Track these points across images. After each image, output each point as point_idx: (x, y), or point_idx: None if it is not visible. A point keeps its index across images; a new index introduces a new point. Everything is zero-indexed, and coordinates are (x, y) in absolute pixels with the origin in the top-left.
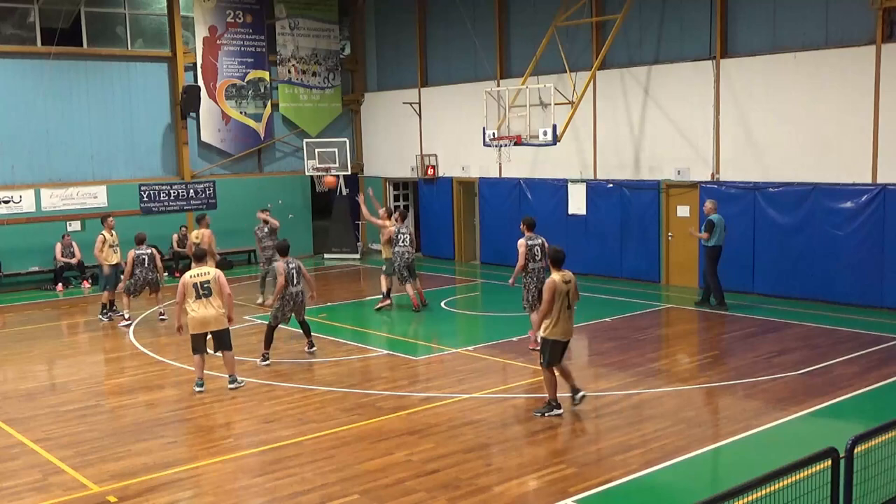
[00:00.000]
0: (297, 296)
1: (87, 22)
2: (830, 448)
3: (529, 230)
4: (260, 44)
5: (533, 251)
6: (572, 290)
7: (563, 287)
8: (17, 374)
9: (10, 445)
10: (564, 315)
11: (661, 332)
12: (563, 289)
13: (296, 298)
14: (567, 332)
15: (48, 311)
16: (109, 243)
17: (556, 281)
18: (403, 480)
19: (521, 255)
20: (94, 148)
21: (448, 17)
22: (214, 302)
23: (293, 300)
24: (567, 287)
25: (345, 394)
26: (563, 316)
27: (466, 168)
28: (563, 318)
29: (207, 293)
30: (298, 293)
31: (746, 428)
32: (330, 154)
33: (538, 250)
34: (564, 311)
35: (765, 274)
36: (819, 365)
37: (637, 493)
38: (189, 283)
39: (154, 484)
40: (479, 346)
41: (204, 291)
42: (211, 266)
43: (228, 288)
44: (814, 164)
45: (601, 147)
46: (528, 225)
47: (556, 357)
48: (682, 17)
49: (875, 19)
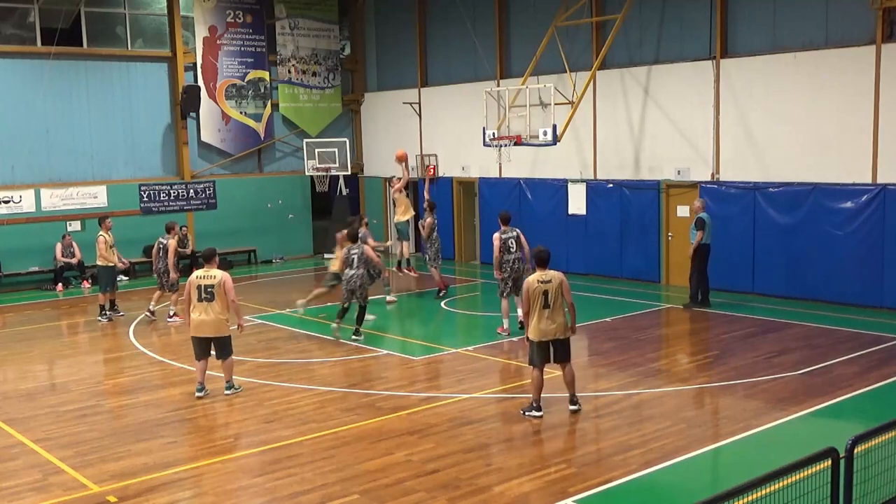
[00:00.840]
0: (352, 279)
1: (87, 22)
2: (830, 448)
3: (505, 224)
4: (260, 44)
5: (507, 244)
6: (552, 290)
7: (537, 286)
8: (17, 374)
9: (10, 445)
10: (541, 315)
11: (661, 332)
12: (538, 288)
13: (349, 281)
14: (544, 333)
15: (48, 311)
16: (110, 244)
17: (529, 281)
18: (403, 480)
19: (496, 247)
20: (94, 148)
21: (448, 17)
22: (215, 307)
23: (348, 282)
24: (544, 287)
25: (345, 394)
26: (540, 316)
27: (466, 168)
28: (539, 318)
29: (210, 297)
30: (352, 277)
31: (746, 428)
32: (330, 154)
33: (512, 243)
34: (540, 311)
35: (765, 274)
36: (819, 365)
37: (637, 493)
38: (194, 283)
39: (154, 484)
40: (479, 346)
41: (206, 295)
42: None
43: (233, 293)
44: (814, 164)
45: (601, 147)
46: (503, 219)
47: (536, 357)
48: (682, 17)
49: (875, 19)
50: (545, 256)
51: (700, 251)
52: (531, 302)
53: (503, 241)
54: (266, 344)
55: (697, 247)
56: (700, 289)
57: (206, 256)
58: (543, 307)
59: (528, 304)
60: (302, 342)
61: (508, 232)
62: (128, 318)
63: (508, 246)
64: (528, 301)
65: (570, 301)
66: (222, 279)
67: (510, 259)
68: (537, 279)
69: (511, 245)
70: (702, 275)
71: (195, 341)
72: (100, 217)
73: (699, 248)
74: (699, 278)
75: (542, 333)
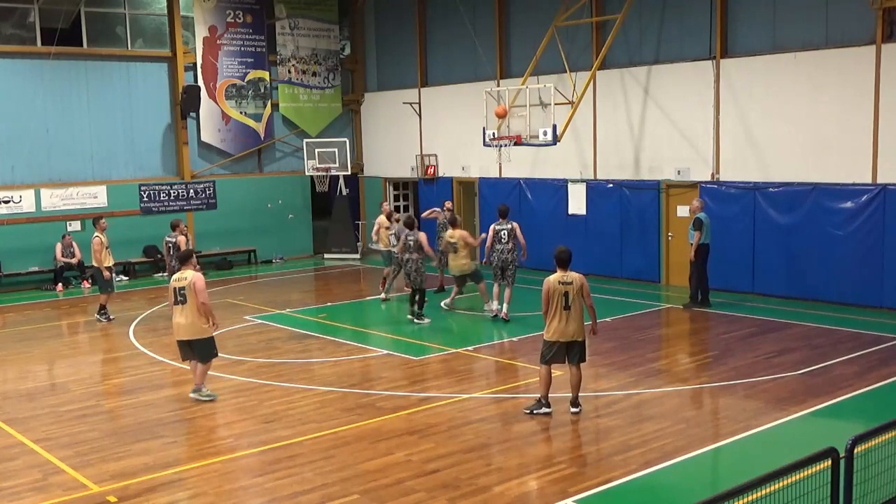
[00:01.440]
0: (408, 263)
1: (87, 22)
2: (830, 448)
3: (502, 217)
4: (260, 44)
5: (499, 235)
6: (573, 291)
7: (558, 287)
8: (17, 374)
9: (10, 445)
10: (560, 316)
11: (661, 332)
12: (559, 289)
13: (406, 265)
14: (563, 334)
15: (48, 311)
16: (105, 245)
17: (549, 280)
18: (403, 480)
19: (489, 237)
20: (94, 148)
21: (448, 17)
22: (188, 309)
23: (405, 266)
24: (564, 288)
25: (345, 394)
26: (559, 316)
27: (466, 168)
28: (559, 319)
29: (183, 300)
30: (409, 260)
31: (746, 428)
32: (330, 154)
33: (504, 234)
34: (561, 312)
35: (765, 274)
36: (819, 365)
37: (637, 493)
38: (171, 287)
39: (154, 484)
40: (479, 346)
41: (180, 298)
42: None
43: (205, 295)
44: (814, 164)
45: (601, 147)
46: (501, 213)
47: (551, 355)
48: (682, 17)
49: (875, 19)
50: (566, 257)
51: (699, 251)
52: (551, 302)
53: (496, 232)
54: (266, 344)
55: (697, 247)
56: (700, 289)
57: (181, 259)
58: (564, 308)
59: (548, 304)
60: (302, 342)
61: (502, 224)
62: (128, 318)
63: (500, 237)
64: (547, 301)
65: (590, 304)
66: (191, 280)
67: (499, 249)
68: (558, 280)
69: (503, 237)
70: (701, 275)
71: (177, 344)
72: (94, 217)
73: (701, 247)
74: (699, 278)
75: (560, 334)
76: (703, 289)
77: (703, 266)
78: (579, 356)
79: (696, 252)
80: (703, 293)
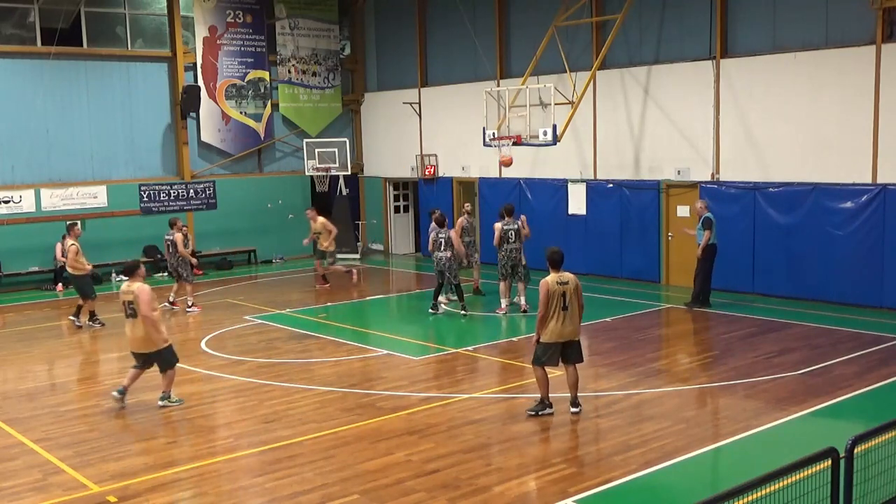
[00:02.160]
0: (441, 261)
1: (87, 22)
2: (830, 448)
3: (508, 216)
4: (260, 44)
5: (507, 234)
6: (570, 291)
7: (556, 288)
8: (17, 374)
9: (10, 445)
10: (558, 316)
11: (661, 332)
12: (558, 290)
13: (439, 263)
14: (561, 335)
15: (48, 311)
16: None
17: (547, 282)
18: (403, 480)
19: (497, 237)
20: (94, 148)
21: (448, 17)
22: (140, 323)
23: (437, 263)
24: (562, 288)
25: (345, 394)
26: (557, 317)
27: (466, 168)
28: (555, 319)
29: (132, 313)
30: (441, 259)
31: (746, 428)
32: (330, 154)
33: (512, 234)
34: (558, 312)
35: (765, 274)
36: (819, 365)
37: (637, 493)
38: (120, 299)
39: (154, 484)
40: (479, 346)
41: (129, 311)
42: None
43: (148, 308)
44: (814, 164)
45: (601, 147)
46: (507, 211)
47: (547, 357)
48: (682, 17)
49: (875, 19)
50: (559, 258)
51: (707, 251)
52: (549, 303)
53: (504, 232)
54: (266, 344)
55: (705, 246)
56: (703, 289)
57: (127, 270)
58: (562, 309)
59: (546, 306)
60: (302, 342)
61: (509, 224)
62: None
63: (508, 237)
64: (547, 303)
65: (581, 303)
66: (136, 292)
67: (508, 248)
68: (556, 281)
69: (510, 236)
70: (707, 275)
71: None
72: (68, 225)
73: (709, 248)
74: (704, 278)
75: (558, 335)
76: (704, 289)
77: (710, 266)
78: (576, 356)
79: (704, 251)
80: (704, 293)
